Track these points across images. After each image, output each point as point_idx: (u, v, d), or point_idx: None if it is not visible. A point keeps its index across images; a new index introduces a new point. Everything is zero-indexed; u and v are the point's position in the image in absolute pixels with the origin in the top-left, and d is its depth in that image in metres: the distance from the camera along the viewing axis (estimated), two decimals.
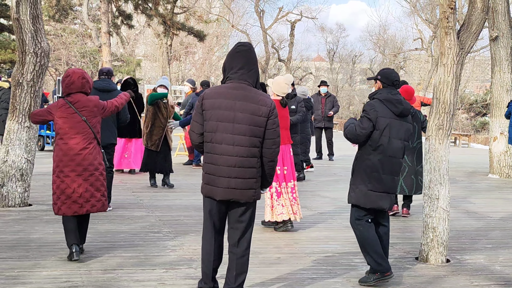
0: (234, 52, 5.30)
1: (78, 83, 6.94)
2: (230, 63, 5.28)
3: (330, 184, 13.37)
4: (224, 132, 5.14)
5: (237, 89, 5.20)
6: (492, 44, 16.02)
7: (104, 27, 25.79)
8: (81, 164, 6.80)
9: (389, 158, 6.11)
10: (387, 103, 6.11)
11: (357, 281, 6.33)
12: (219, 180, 5.18)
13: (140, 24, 46.76)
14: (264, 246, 7.71)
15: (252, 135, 5.15)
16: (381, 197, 6.15)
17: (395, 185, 6.22)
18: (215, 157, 5.18)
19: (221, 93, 5.20)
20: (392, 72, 6.31)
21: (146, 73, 57.55)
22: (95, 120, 7.00)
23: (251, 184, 5.21)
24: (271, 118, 5.20)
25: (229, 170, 5.15)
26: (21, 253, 7.04)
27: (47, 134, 18.89)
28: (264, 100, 5.21)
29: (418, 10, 46.97)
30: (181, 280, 6.17)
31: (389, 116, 6.10)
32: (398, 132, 6.13)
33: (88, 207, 6.83)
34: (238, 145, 5.13)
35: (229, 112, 5.14)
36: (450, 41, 6.99)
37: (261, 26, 49.65)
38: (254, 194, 5.25)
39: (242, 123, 5.13)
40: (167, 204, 10.37)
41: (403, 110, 6.13)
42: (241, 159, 5.14)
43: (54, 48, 38.67)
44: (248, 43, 5.46)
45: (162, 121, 11.82)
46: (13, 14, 9.62)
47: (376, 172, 6.11)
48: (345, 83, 62.44)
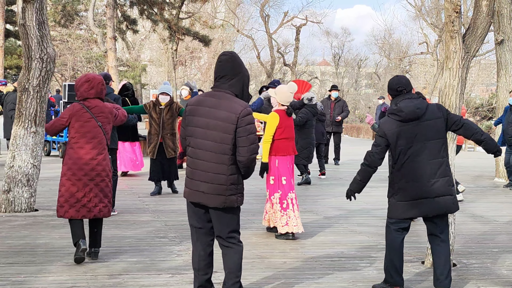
0: (217, 62, 5.47)
1: (98, 88, 7.00)
2: (215, 73, 5.46)
3: (336, 188, 13.36)
4: (199, 138, 5.33)
5: (214, 96, 5.36)
6: (497, 47, 15.99)
7: (110, 32, 25.86)
8: (95, 169, 6.88)
9: (410, 165, 5.91)
10: (392, 116, 6.01)
11: (363, 285, 6.32)
12: (192, 183, 5.36)
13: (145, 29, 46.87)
14: (270, 250, 7.70)
15: (221, 142, 5.25)
16: (413, 205, 5.93)
17: (431, 188, 5.88)
18: (193, 160, 5.38)
19: (200, 101, 5.40)
20: (394, 80, 6.14)
21: (152, 78, 57.67)
22: (109, 127, 7.09)
23: (220, 191, 5.26)
24: (241, 126, 5.23)
25: (201, 174, 5.31)
26: (27, 258, 7.05)
27: (53, 139, 18.92)
28: (235, 107, 5.24)
29: (424, 14, 46.96)
30: (187, 285, 6.17)
31: (396, 126, 5.95)
32: (415, 136, 5.92)
33: (96, 212, 6.89)
34: (209, 151, 5.28)
35: (204, 119, 5.32)
36: (456, 45, 6.98)
37: (266, 31, 49.72)
38: (224, 201, 5.28)
39: (214, 130, 5.27)
40: (172, 209, 10.37)
41: (406, 115, 5.92)
42: (210, 165, 5.27)
43: (60, 53, 38.79)
44: (230, 52, 5.52)
45: (157, 129, 11.66)
46: (19, 20, 9.66)
47: (398, 183, 5.99)
48: (350, 87, 62.39)
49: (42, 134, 9.92)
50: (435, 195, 5.89)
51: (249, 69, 53.78)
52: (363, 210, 10.78)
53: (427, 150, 5.91)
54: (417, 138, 5.92)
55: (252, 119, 5.36)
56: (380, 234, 8.81)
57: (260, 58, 51.85)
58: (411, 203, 5.95)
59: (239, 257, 5.42)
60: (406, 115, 5.92)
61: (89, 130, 6.91)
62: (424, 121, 5.95)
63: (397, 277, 6.04)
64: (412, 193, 5.92)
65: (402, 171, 5.94)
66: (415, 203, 5.93)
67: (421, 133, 5.92)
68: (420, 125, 5.94)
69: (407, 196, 5.95)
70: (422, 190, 5.89)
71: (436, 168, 5.91)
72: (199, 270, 5.49)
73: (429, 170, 5.90)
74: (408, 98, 6.01)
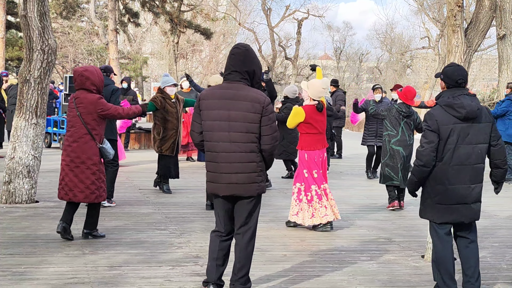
0: (230, 54, 5.49)
1: (78, 80, 7.43)
2: (227, 65, 5.47)
3: (336, 182, 13.36)
4: (220, 131, 5.34)
5: (231, 88, 5.38)
6: (499, 42, 15.97)
7: (111, 24, 25.84)
8: (69, 155, 7.41)
9: (455, 167, 5.58)
10: (448, 108, 5.57)
11: (362, 278, 6.33)
12: (221, 177, 5.36)
13: (147, 22, 46.84)
14: (271, 243, 7.71)
15: (247, 132, 5.32)
16: (452, 210, 5.63)
17: (470, 193, 5.64)
18: (215, 155, 5.37)
19: (216, 94, 5.40)
20: (455, 70, 5.68)
21: (153, 70, 57.64)
22: (90, 117, 7.38)
23: (253, 178, 5.36)
24: (265, 115, 5.33)
25: (229, 166, 5.32)
26: (28, 249, 7.06)
27: (54, 131, 18.94)
28: (257, 97, 5.34)
29: (425, 8, 46.87)
30: (187, 277, 6.18)
31: (453, 122, 5.55)
32: (466, 137, 5.57)
33: (71, 195, 7.42)
34: (235, 142, 5.31)
35: (223, 112, 5.33)
36: (458, 39, 6.97)
37: (268, 24, 49.69)
38: (257, 188, 5.40)
39: (237, 121, 5.30)
40: (173, 202, 10.38)
41: (467, 114, 5.52)
42: (240, 155, 5.31)
43: (61, 45, 38.76)
44: (244, 44, 5.58)
45: (174, 123, 11.01)
46: (21, 11, 9.65)
47: (441, 185, 5.63)
48: (351, 81, 62.39)
49: (43, 125, 9.91)
50: (472, 201, 5.68)
51: None
52: (363, 204, 10.79)
53: (474, 155, 5.62)
54: (468, 139, 5.59)
55: (273, 108, 5.49)
56: (380, 228, 8.83)
57: (262, 52, 51.82)
58: (450, 208, 5.66)
59: (253, 249, 5.55)
60: (468, 114, 5.54)
61: (69, 119, 7.48)
62: (477, 123, 5.61)
63: (453, 284, 5.73)
64: (454, 197, 5.63)
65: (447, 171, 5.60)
66: (454, 208, 5.65)
67: (473, 135, 5.60)
68: (473, 126, 5.59)
69: (447, 199, 5.65)
70: (463, 195, 5.63)
71: (478, 173, 5.68)
72: (218, 259, 5.51)
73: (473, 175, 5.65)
74: (467, 95, 5.62)
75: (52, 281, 5.93)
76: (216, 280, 5.54)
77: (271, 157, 5.47)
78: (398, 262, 7.02)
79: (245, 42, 34.22)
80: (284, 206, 10.20)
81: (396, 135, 10.28)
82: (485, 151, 5.68)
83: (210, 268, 5.54)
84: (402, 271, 6.65)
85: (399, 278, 6.41)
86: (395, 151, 10.26)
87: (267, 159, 5.45)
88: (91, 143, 7.36)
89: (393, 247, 7.71)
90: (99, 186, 7.43)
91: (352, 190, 12.34)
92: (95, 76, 7.40)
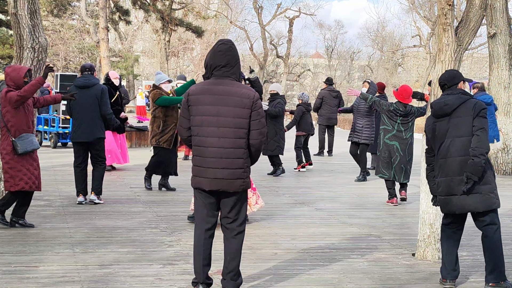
0: (216, 51, 5.49)
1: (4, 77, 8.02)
2: (214, 61, 5.47)
3: (327, 180, 13.38)
4: (209, 126, 5.37)
5: (220, 84, 5.42)
6: (490, 41, 16.01)
7: (102, 22, 25.76)
8: None
9: (441, 161, 6.03)
10: (431, 110, 6.21)
11: (353, 276, 6.34)
12: (206, 172, 5.39)
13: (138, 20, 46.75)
14: (261, 242, 7.71)
15: (236, 127, 5.36)
16: (446, 201, 6.06)
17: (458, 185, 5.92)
18: (202, 149, 5.41)
19: (205, 89, 5.44)
20: (440, 77, 6.32)
21: (144, 69, 57.55)
22: (4, 110, 7.91)
23: (238, 174, 5.40)
24: (255, 110, 5.40)
25: (216, 161, 5.36)
26: (18, 248, 7.04)
27: (45, 129, 18.88)
28: (247, 92, 5.41)
29: (417, 7, 47.01)
30: (178, 276, 6.18)
31: (432, 122, 6.14)
32: (447, 131, 5.99)
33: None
34: (224, 137, 5.35)
35: (213, 107, 5.37)
36: (448, 38, 6.98)
37: (259, 23, 49.64)
38: (242, 184, 5.44)
39: (226, 116, 5.35)
40: (164, 200, 10.37)
41: (434, 112, 6.08)
42: (227, 150, 5.35)
43: (52, 43, 38.63)
44: (229, 40, 5.62)
45: (175, 116, 11.08)
46: (11, 9, 9.60)
47: (436, 177, 6.15)
48: (343, 80, 62.44)
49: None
50: (461, 193, 5.94)
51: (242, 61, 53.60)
52: (354, 202, 10.81)
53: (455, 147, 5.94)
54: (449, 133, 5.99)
55: (261, 103, 5.55)
56: (371, 226, 8.84)
57: (253, 50, 51.79)
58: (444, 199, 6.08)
59: (242, 242, 5.58)
60: (435, 112, 6.06)
61: None
62: (456, 117, 5.97)
63: (445, 271, 6.15)
64: (443, 189, 6.04)
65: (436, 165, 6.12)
66: (445, 200, 6.06)
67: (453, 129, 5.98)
68: (452, 120, 5.99)
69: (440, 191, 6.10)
70: (450, 186, 5.98)
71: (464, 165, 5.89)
72: (204, 259, 5.51)
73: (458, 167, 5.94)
74: (446, 94, 6.10)
75: (42, 280, 5.91)
76: (205, 279, 5.55)
77: (257, 153, 5.51)
78: (389, 260, 7.03)
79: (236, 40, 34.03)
80: (275, 204, 10.21)
81: (392, 130, 10.48)
82: (469, 143, 5.87)
83: (197, 269, 5.54)
84: (393, 269, 6.67)
85: (389, 276, 6.42)
86: (389, 145, 10.41)
87: (253, 154, 5.49)
88: (6, 135, 7.87)
89: (384, 245, 7.72)
90: (13, 175, 7.84)
91: (343, 188, 12.35)
92: (15, 73, 7.91)
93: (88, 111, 9.69)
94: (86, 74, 9.87)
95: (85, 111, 9.69)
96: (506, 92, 15.86)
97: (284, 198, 10.88)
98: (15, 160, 7.86)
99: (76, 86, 9.80)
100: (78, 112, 9.73)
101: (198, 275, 5.54)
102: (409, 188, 11.72)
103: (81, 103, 9.66)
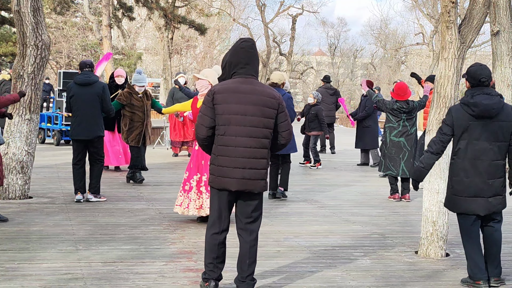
0: (238, 48, 5.46)
1: None
2: (236, 59, 5.44)
3: (330, 178, 13.37)
4: (237, 125, 5.32)
5: (246, 83, 5.39)
6: (493, 39, 15.96)
7: (105, 20, 25.74)
8: None
9: (471, 161, 5.90)
10: (464, 106, 5.92)
11: (356, 274, 6.34)
12: (233, 172, 5.33)
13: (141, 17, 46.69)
14: (264, 239, 7.70)
15: (263, 127, 5.36)
16: (469, 202, 5.95)
17: (488, 188, 5.93)
18: (229, 149, 5.34)
19: (231, 88, 5.38)
20: (477, 70, 5.99)
21: (147, 66, 57.51)
22: None
23: (262, 175, 5.41)
24: (282, 111, 5.43)
25: (244, 161, 5.33)
26: (21, 245, 7.05)
27: (48, 127, 18.88)
28: (272, 93, 5.42)
29: (420, 4, 46.87)
30: (181, 273, 6.18)
31: (468, 119, 5.89)
32: (482, 134, 5.88)
33: None
34: (252, 137, 5.33)
35: (240, 106, 5.32)
36: (451, 35, 6.97)
37: (262, 20, 49.54)
38: (264, 185, 5.46)
39: (254, 115, 5.32)
40: (167, 197, 10.37)
41: (480, 112, 5.85)
42: (254, 150, 5.34)
43: (55, 41, 38.64)
44: (251, 38, 5.65)
45: (141, 116, 11.45)
46: (14, 7, 9.61)
47: (457, 176, 5.98)
48: (346, 77, 62.37)
49: (36, 121, 9.89)
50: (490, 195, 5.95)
51: None
52: (357, 200, 10.80)
53: (491, 151, 5.90)
54: (485, 136, 5.89)
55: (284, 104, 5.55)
56: (374, 223, 8.84)
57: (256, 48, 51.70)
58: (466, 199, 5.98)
59: (257, 248, 5.59)
60: (481, 112, 5.86)
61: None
62: (497, 121, 5.90)
63: (478, 272, 6.03)
64: (470, 189, 5.95)
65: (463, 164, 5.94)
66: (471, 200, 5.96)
67: (491, 132, 5.89)
68: (492, 124, 5.89)
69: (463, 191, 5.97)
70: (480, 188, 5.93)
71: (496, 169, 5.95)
72: (218, 257, 5.50)
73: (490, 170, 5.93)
74: (487, 94, 5.92)
75: (45, 277, 5.92)
76: (218, 276, 5.57)
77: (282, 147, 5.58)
78: (392, 258, 7.03)
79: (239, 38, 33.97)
80: (278, 201, 10.21)
81: (397, 127, 10.56)
82: (505, 149, 5.91)
83: (211, 268, 5.51)
84: (396, 267, 6.66)
85: (392, 274, 6.42)
86: (396, 142, 10.52)
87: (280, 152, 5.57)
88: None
89: (387, 243, 7.72)
90: None
91: (346, 186, 12.34)
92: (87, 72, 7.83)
93: (88, 108, 9.66)
94: (86, 71, 9.81)
95: (85, 109, 9.66)
96: (509, 90, 15.81)
97: (287, 195, 10.87)
98: None
99: (76, 83, 9.75)
100: (78, 109, 9.70)
101: (213, 272, 5.51)
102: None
103: (81, 100, 9.64)
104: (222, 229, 5.51)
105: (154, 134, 20.12)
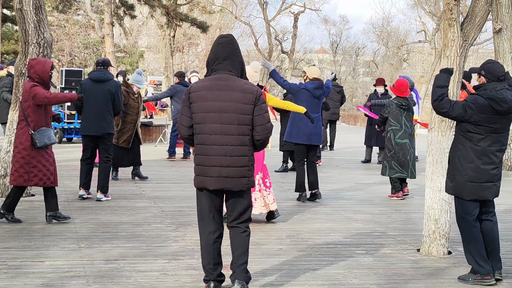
0: (217, 44, 5.40)
1: (27, 69, 8.01)
2: (214, 55, 5.37)
3: (332, 176, 13.37)
4: (212, 123, 5.25)
5: (222, 79, 5.31)
6: (495, 36, 15.96)
7: (107, 17, 25.74)
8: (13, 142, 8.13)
9: (486, 148, 6.00)
10: (491, 101, 5.90)
11: (358, 272, 6.35)
12: (210, 170, 5.28)
13: (143, 15, 46.71)
14: (266, 237, 7.72)
15: (240, 124, 5.25)
16: (483, 188, 6.06)
17: (497, 173, 6.13)
18: (205, 147, 5.29)
19: (206, 85, 5.32)
20: (497, 67, 6.05)
21: (149, 64, 57.55)
22: (26, 104, 7.84)
23: (243, 173, 5.31)
24: (258, 105, 5.28)
25: (220, 159, 5.25)
26: (23, 243, 7.06)
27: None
28: (249, 88, 5.30)
29: (422, 2, 46.81)
30: (183, 271, 6.19)
31: (490, 113, 5.91)
32: (498, 127, 5.97)
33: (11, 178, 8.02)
34: (227, 134, 5.25)
35: (215, 103, 5.25)
36: (454, 33, 6.97)
37: (264, 18, 49.58)
38: (247, 182, 5.35)
39: (229, 112, 5.23)
40: (169, 195, 10.38)
41: (509, 108, 5.92)
42: (231, 148, 5.25)
43: (57, 39, 38.68)
44: (230, 34, 5.54)
45: (134, 117, 11.51)
46: (16, 5, 9.61)
47: (472, 163, 6.02)
48: (348, 75, 62.34)
49: None
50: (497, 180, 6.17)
51: (246, 56, 53.75)
52: (359, 197, 10.80)
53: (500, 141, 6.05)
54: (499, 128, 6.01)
55: (264, 98, 5.46)
56: (376, 221, 8.84)
57: (258, 45, 51.73)
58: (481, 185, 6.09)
59: (249, 239, 5.50)
60: (510, 108, 5.95)
61: None
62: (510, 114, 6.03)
63: (487, 265, 6.07)
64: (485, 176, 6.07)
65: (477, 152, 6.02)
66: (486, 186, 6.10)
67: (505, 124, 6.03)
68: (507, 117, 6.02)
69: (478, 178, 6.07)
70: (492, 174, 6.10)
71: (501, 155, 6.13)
72: (214, 258, 5.44)
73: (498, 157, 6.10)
74: (507, 89, 6.00)
75: (48, 274, 5.93)
76: (216, 277, 5.52)
77: (263, 145, 5.42)
78: (394, 256, 7.03)
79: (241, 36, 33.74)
80: (279, 199, 10.21)
81: (400, 129, 10.55)
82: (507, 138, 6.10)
83: (208, 269, 5.47)
84: (398, 265, 6.67)
85: (394, 271, 6.42)
86: (401, 144, 10.53)
87: (259, 149, 5.41)
88: (25, 129, 7.82)
89: (389, 241, 7.72)
90: (28, 170, 7.80)
91: (348, 183, 12.34)
92: (40, 66, 7.81)
93: (100, 105, 9.71)
94: (100, 69, 9.90)
95: (97, 105, 9.69)
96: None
97: (288, 193, 10.88)
98: (31, 156, 7.82)
99: (90, 79, 9.82)
100: (90, 105, 9.72)
101: (210, 274, 5.48)
102: (414, 184, 11.74)
103: (93, 96, 9.67)
104: (213, 229, 5.43)
105: (156, 132, 20.16)
